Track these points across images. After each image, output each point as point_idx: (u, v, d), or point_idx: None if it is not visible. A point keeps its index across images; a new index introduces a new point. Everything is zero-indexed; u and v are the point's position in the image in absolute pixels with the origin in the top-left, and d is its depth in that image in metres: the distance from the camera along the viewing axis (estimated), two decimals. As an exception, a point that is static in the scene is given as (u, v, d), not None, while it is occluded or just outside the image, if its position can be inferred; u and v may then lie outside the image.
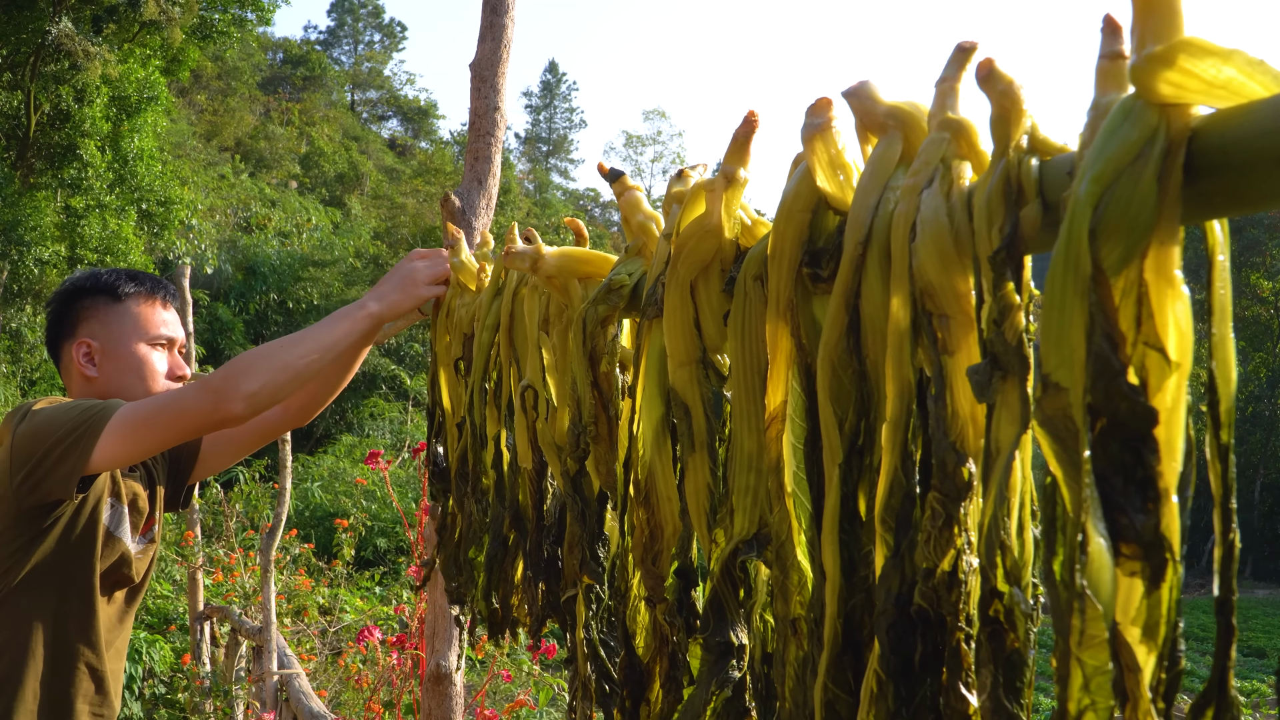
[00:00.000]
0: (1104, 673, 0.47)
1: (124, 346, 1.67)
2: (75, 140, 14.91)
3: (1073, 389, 0.49)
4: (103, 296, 1.68)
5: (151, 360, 1.69)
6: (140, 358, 1.68)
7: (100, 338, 1.67)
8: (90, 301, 1.68)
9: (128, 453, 1.46)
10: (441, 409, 1.53)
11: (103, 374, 1.66)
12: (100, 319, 1.68)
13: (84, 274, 1.74)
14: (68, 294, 1.71)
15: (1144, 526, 0.48)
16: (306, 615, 5.54)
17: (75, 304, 1.69)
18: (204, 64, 25.74)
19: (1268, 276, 26.46)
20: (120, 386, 1.65)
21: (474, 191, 2.27)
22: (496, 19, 2.31)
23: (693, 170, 0.93)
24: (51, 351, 1.74)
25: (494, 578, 1.30)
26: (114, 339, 1.67)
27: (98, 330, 1.67)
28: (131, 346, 1.67)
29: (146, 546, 1.73)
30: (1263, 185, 0.48)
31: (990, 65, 0.61)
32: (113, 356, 1.67)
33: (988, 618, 0.57)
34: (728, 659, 0.77)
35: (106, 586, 1.63)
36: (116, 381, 1.66)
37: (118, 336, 1.67)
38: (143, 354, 1.68)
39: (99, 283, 1.70)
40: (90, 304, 1.68)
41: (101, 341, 1.67)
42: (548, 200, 45.01)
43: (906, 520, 0.61)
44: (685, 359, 0.84)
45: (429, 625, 2.39)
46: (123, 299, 1.69)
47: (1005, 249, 0.56)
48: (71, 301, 1.70)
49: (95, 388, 1.66)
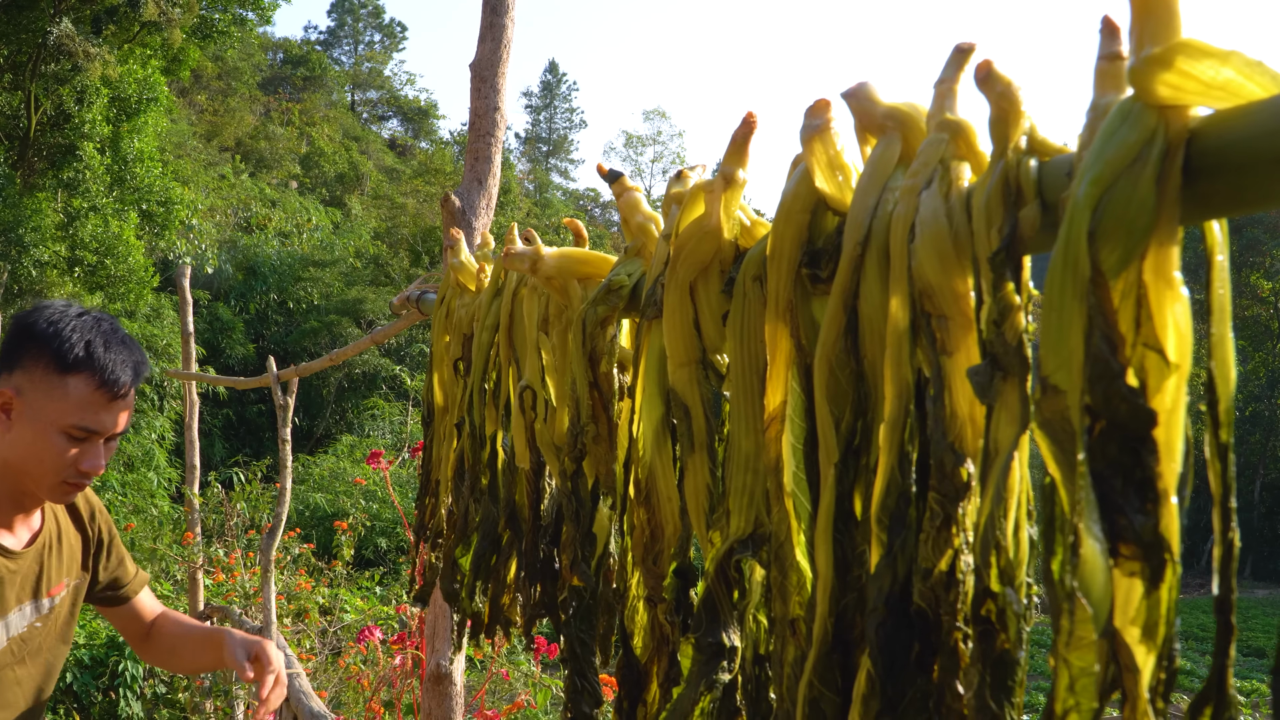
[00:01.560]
0: (1089, 674, 0.47)
1: (42, 423, 1.44)
2: (75, 141, 14.93)
3: (1071, 391, 0.50)
4: (49, 358, 1.44)
5: (59, 449, 1.45)
6: (48, 443, 1.44)
7: (26, 397, 1.44)
8: (37, 352, 1.44)
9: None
10: (433, 408, 1.54)
11: (12, 433, 1.45)
12: (34, 378, 1.44)
13: (51, 316, 1.48)
14: (24, 330, 1.47)
15: (1143, 527, 0.48)
16: (307, 616, 5.54)
17: (24, 343, 1.46)
18: (204, 64, 25.76)
19: (1267, 276, 26.46)
20: (20, 455, 1.46)
21: (474, 191, 2.27)
22: (496, 19, 2.31)
23: (692, 171, 0.93)
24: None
25: (481, 577, 1.30)
26: (36, 408, 1.44)
27: (26, 387, 1.44)
28: (46, 425, 1.44)
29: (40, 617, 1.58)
30: (1262, 185, 0.48)
31: (989, 66, 0.61)
32: (26, 423, 1.44)
33: (979, 617, 0.57)
34: (718, 660, 0.77)
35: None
36: (18, 449, 1.46)
37: (41, 410, 1.44)
38: (53, 441, 1.44)
39: (54, 340, 1.44)
40: (36, 355, 1.44)
41: (25, 403, 1.44)
42: (548, 200, 45.04)
43: (901, 520, 0.61)
44: (685, 359, 0.84)
45: (429, 625, 2.39)
46: (66, 373, 1.43)
47: (1004, 250, 0.56)
48: (23, 339, 1.46)
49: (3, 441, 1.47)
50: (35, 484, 1.49)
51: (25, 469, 1.47)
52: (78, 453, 1.46)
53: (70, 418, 1.44)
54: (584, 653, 1.02)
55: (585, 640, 1.03)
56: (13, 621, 1.53)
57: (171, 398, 14.47)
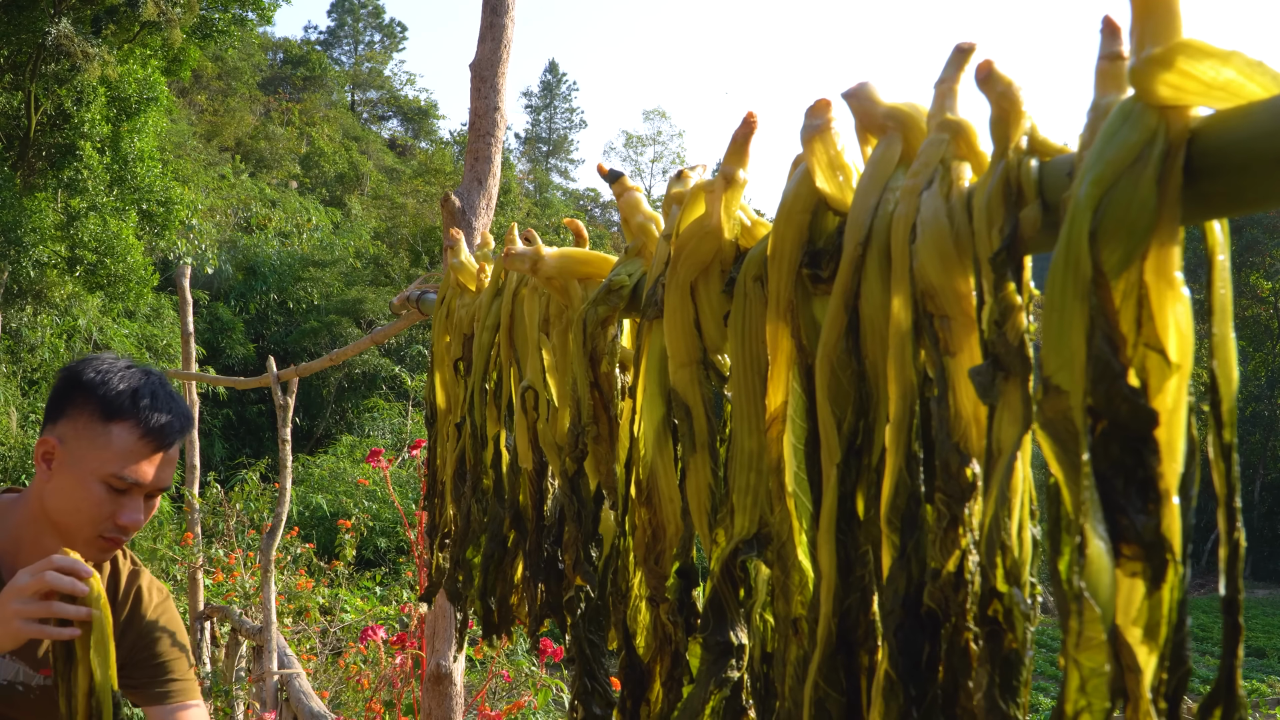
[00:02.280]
0: (1100, 675, 0.47)
1: (82, 469, 1.43)
2: (75, 141, 14.93)
3: (1073, 391, 0.50)
4: (94, 406, 1.44)
5: (98, 500, 1.43)
6: (89, 492, 1.43)
7: (69, 446, 1.44)
8: (82, 403, 1.45)
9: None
10: (436, 409, 1.54)
11: (53, 483, 1.45)
12: (78, 429, 1.45)
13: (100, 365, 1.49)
14: (72, 379, 1.48)
15: (1144, 527, 0.48)
16: (308, 616, 5.54)
17: (71, 393, 1.47)
18: (204, 64, 25.75)
19: (1267, 276, 26.47)
20: (59, 507, 1.45)
21: (474, 191, 2.27)
22: (496, 19, 2.31)
23: (692, 171, 0.93)
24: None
25: (491, 578, 1.30)
26: (77, 457, 1.43)
27: (70, 437, 1.45)
28: (87, 475, 1.43)
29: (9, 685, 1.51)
30: (1263, 186, 0.48)
31: (989, 66, 0.61)
32: (67, 473, 1.44)
33: (986, 617, 0.57)
34: (727, 659, 0.77)
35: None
36: (58, 499, 1.45)
37: (83, 458, 1.43)
38: (93, 490, 1.43)
39: (100, 387, 1.45)
40: (81, 405, 1.46)
41: (68, 451, 1.44)
42: (548, 200, 45.03)
43: (912, 521, 0.61)
44: (686, 360, 0.84)
45: (429, 625, 2.39)
46: (110, 420, 1.44)
47: (1005, 250, 0.56)
48: (70, 388, 1.48)
49: (45, 489, 1.46)
50: (72, 537, 1.46)
51: (63, 520, 1.45)
52: (116, 505, 1.44)
53: (111, 466, 1.42)
54: (594, 654, 1.02)
55: (595, 641, 1.03)
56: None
57: (171, 398, 14.44)
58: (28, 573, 1.33)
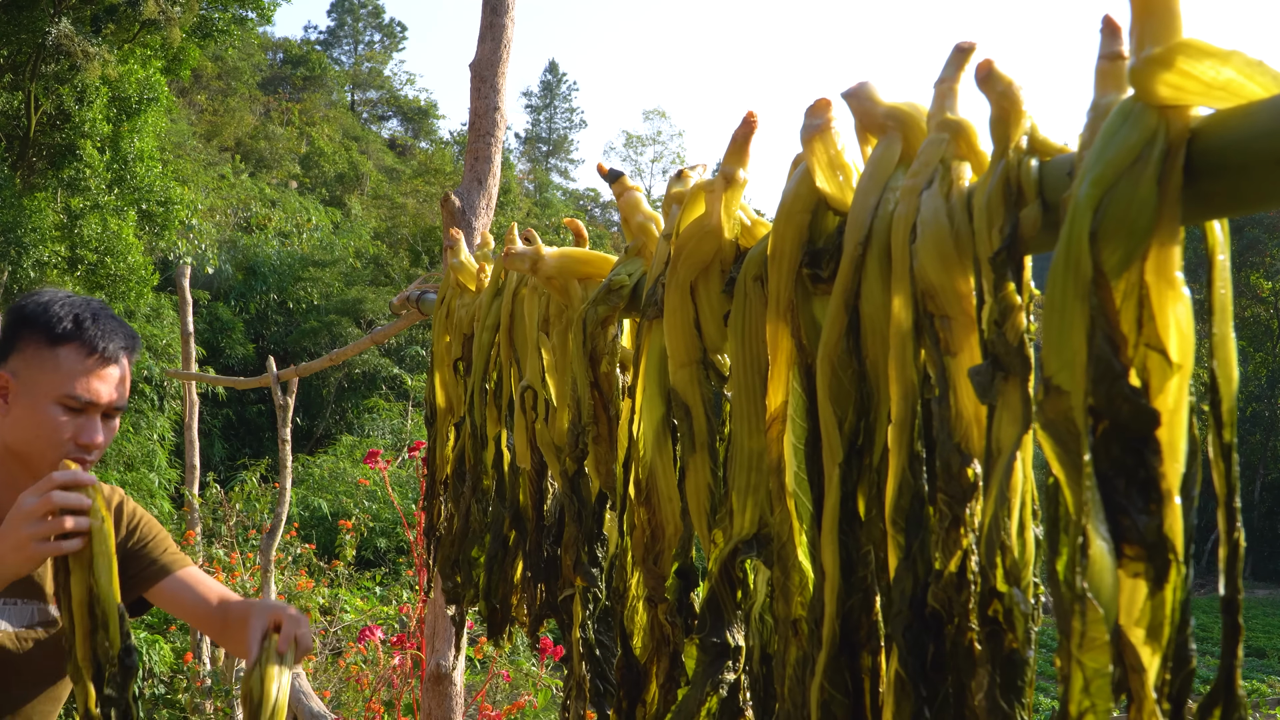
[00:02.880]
0: (1104, 675, 0.47)
1: (37, 397, 1.48)
2: (75, 141, 14.92)
3: (1074, 392, 0.49)
4: (41, 334, 1.49)
5: (55, 424, 1.47)
6: (46, 417, 1.47)
7: (21, 377, 1.49)
8: (28, 333, 1.50)
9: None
10: (436, 409, 1.53)
11: (11, 416, 1.49)
12: (27, 358, 1.49)
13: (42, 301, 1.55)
14: (16, 312, 1.54)
15: (1146, 527, 0.48)
16: (308, 617, 5.54)
17: (18, 328, 1.52)
18: (204, 64, 25.74)
19: (1267, 276, 26.48)
20: (19, 437, 1.49)
21: (474, 191, 2.27)
22: (496, 19, 2.31)
23: (692, 171, 0.93)
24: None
25: (494, 578, 1.30)
26: (31, 385, 1.48)
27: (20, 369, 1.49)
28: (43, 400, 1.47)
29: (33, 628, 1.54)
30: (1263, 185, 0.48)
31: (989, 66, 0.61)
32: (23, 403, 1.48)
33: (986, 618, 0.57)
34: (723, 660, 0.77)
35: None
36: (17, 431, 1.49)
37: (35, 385, 1.48)
38: (49, 415, 1.47)
39: (45, 317, 1.51)
40: (27, 336, 1.50)
41: (20, 382, 1.48)
42: (548, 200, 45.00)
43: (917, 521, 0.61)
44: (686, 359, 0.84)
45: (429, 625, 2.39)
46: (57, 344, 1.49)
47: (1005, 250, 0.56)
48: (16, 324, 1.53)
49: (3, 425, 1.50)
50: (37, 465, 1.49)
51: (26, 449, 1.50)
52: (75, 427, 1.49)
53: (63, 387, 1.47)
54: (604, 655, 1.02)
55: (605, 642, 1.02)
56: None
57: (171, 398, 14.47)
58: (33, 494, 1.37)
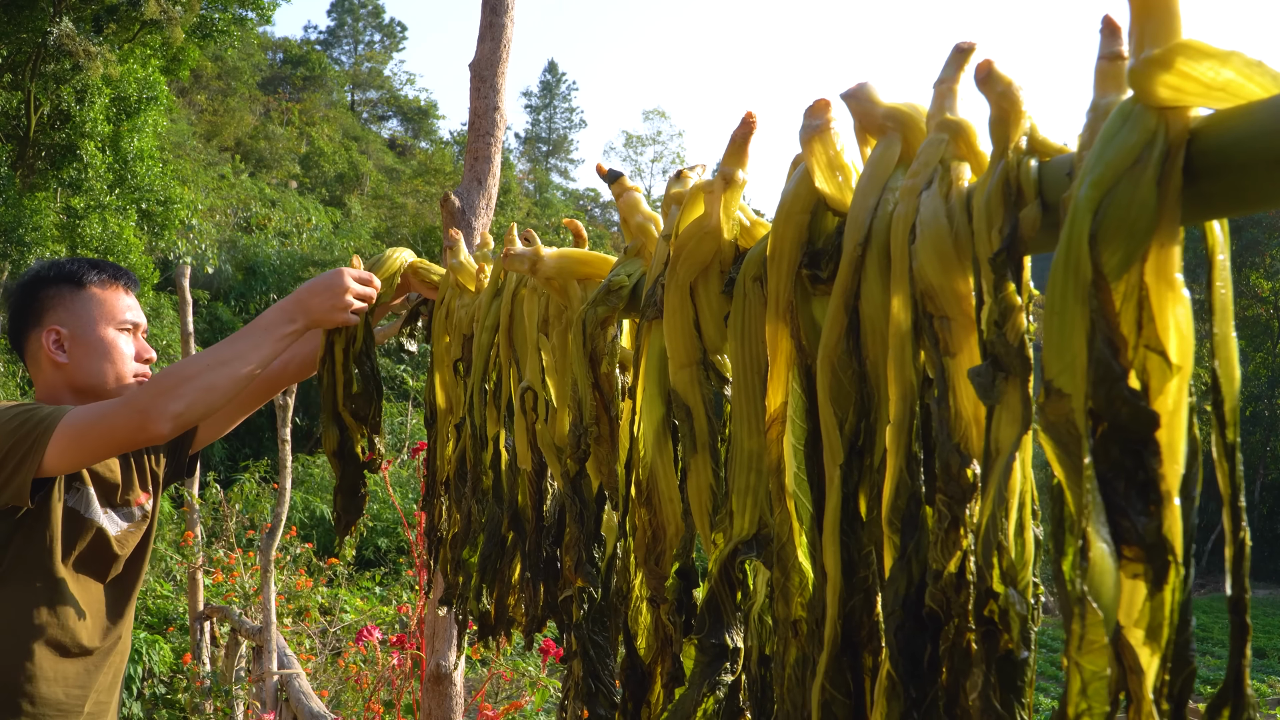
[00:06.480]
0: (1101, 678, 0.47)
1: (92, 332, 1.67)
2: (75, 140, 14.91)
3: (1075, 395, 0.49)
4: (66, 284, 1.69)
5: (119, 344, 1.69)
6: (109, 342, 1.68)
7: (68, 324, 1.67)
8: (54, 290, 1.69)
9: (74, 462, 1.50)
10: (436, 409, 1.53)
11: (73, 360, 1.66)
12: (66, 306, 1.68)
13: (44, 264, 1.75)
14: (31, 284, 1.71)
15: (1146, 529, 0.48)
16: (308, 616, 5.54)
17: (39, 293, 1.69)
18: (204, 64, 25.74)
19: (1267, 276, 26.46)
20: (89, 371, 1.66)
21: (474, 191, 2.27)
22: (496, 19, 2.31)
23: (692, 171, 0.93)
24: (15, 342, 1.73)
25: (488, 578, 1.30)
26: (81, 324, 1.67)
27: (64, 317, 1.67)
28: (99, 331, 1.67)
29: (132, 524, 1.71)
30: (1263, 185, 0.48)
31: (989, 66, 0.61)
32: (81, 342, 1.66)
33: (982, 618, 0.57)
34: (721, 661, 0.77)
35: (89, 570, 1.63)
36: (86, 367, 1.66)
37: (85, 322, 1.67)
38: (110, 338, 1.68)
39: (61, 271, 1.70)
40: (55, 292, 1.68)
41: (70, 328, 1.66)
42: (548, 200, 44.98)
43: (913, 522, 0.61)
44: (686, 360, 0.84)
45: (429, 625, 2.39)
46: (85, 285, 1.69)
47: (1005, 250, 0.56)
48: (35, 291, 1.70)
49: (65, 374, 1.66)
50: (112, 392, 1.65)
51: (98, 381, 1.66)
52: (133, 347, 1.71)
53: (112, 316, 1.69)
54: (598, 655, 1.02)
55: (599, 642, 1.03)
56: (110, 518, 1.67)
57: (171, 398, 14.43)
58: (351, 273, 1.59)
